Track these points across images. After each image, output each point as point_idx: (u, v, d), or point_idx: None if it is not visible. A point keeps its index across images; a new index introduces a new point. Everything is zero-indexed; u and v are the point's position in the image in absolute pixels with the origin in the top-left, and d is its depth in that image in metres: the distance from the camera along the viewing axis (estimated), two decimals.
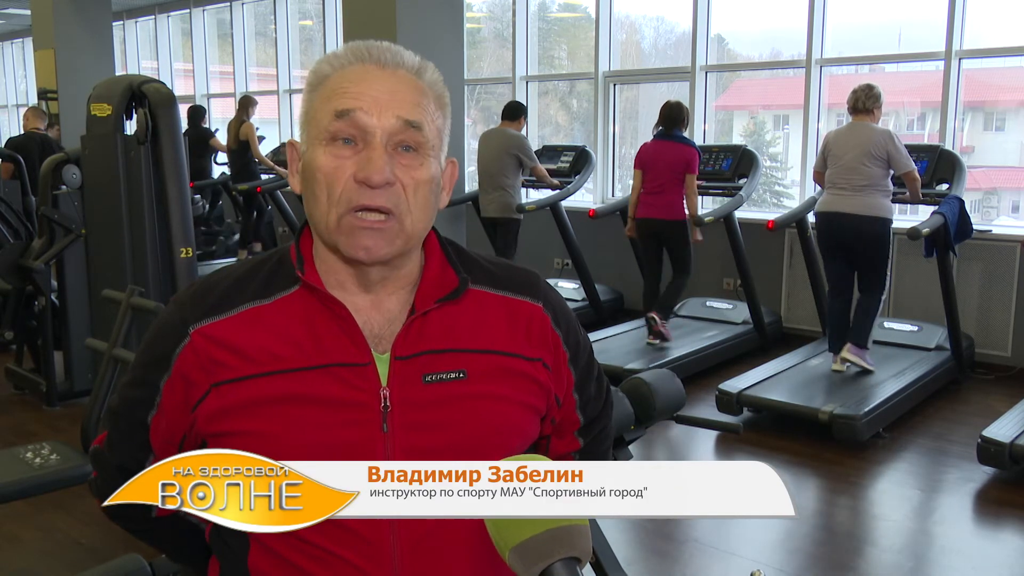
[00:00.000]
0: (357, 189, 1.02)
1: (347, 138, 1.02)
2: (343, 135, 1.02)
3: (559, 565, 0.77)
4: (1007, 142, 6.53)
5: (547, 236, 6.78)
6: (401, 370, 1.06)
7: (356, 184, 1.02)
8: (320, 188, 1.03)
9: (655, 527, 3.43)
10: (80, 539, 3.30)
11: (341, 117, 1.02)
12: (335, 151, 1.03)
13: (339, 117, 1.02)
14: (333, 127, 1.02)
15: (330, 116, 1.03)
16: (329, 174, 1.02)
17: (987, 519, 3.60)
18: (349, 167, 1.02)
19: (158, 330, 1.12)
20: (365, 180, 1.01)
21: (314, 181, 1.04)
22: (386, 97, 1.03)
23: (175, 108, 4.14)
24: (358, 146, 1.03)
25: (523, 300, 1.14)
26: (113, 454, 1.16)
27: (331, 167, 1.02)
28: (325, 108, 1.03)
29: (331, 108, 1.03)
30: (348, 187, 1.02)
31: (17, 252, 4.82)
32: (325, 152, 1.03)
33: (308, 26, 10.30)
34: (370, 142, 1.02)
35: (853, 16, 6.36)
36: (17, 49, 14.50)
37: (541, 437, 1.20)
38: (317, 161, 1.03)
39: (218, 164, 8.89)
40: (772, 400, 4.44)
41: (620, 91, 7.44)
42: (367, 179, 1.01)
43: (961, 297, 5.23)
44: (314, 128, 1.04)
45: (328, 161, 1.03)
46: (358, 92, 1.03)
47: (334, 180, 1.02)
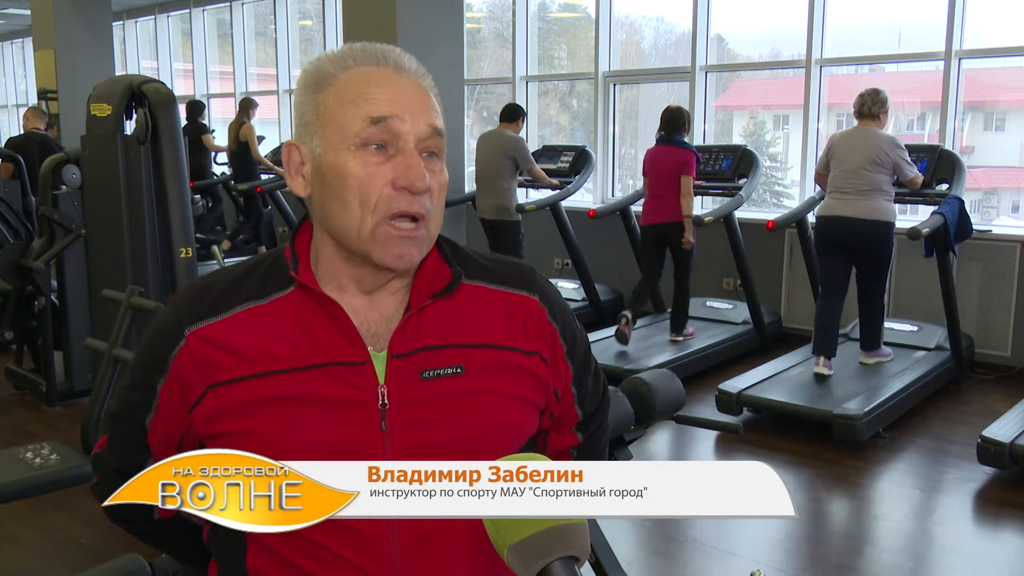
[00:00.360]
0: (396, 196, 1.01)
1: (378, 144, 1.02)
2: (376, 140, 1.01)
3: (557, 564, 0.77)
4: (1007, 142, 6.53)
5: (547, 236, 6.78)
6: (398, 367, 1.06)
7: (395, 191, 1.01)
8: (352, 195, 1.02)
9: (655, 527, 3.43)
10: (80, 539, 3.30)
11: (377, 124, 1.01)
12: (366, 157, 1.01)
13: (374, 123, 1.01)
14: (366, 133, 1.01)
15: (363, 121, 1.01)
16: (363, 180, 1.01)
17: (987, 519, 3.60)
18: (384, 173, 1.01)
19: (154, 333, 1.11)
20: (408, 186, 1.01)
21: (345, 188, 1.02)
22: (415, 103, 1.03)
23: (175, 108, 4.14)
24: (388, 152, 1.02)
25: (519, 294, 1.14)
26: (113, 457, 1.16)
27: (364, 173, 1.01)
28: (352, 112, 1.02)
29: (363, 113, 1.01)
30: (385, 194, 1.01)
31: (17, 252, 4.82)
32: (356, 158, 1.01)
33: (308, 26, 10.30)
34: (404, 148, 1.02)
35: (853, 16, 6.36)
36: (17, 49, 14.50)
37: (540, 432, 1.20)
38: (347, 167, 1.01)
39: (218, 164, 8.90)
40: (772, 400, 4.44)
41: (620, 91, 7.44)
42: (410, 185, 1.01)
43: (961, 297, 5.23)
44: (336, 132, 1.02)
45: (361, 168, 1.01)
46: (390, 99, 1.02)
47: (369, 187, 1.01)
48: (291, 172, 1.09)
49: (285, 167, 1.10)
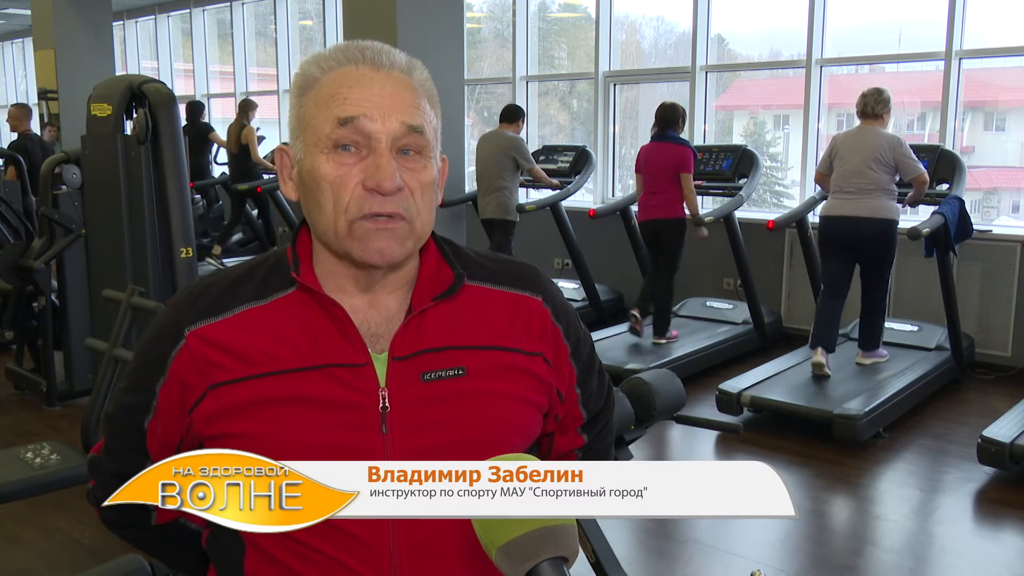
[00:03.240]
0: (367, 196, 1.00)
1: (349, 144, 1.01)
2: (345, 142, 1.01)
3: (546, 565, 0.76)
4: (1007, 142, 6.53)
5: (547, 236, 6.78)
6: (399, 370, 1.05)
7: (366, 192, 1.00)
8: (325, 197, 1.01)
9: (655, 527, 3.43)
10: (80, 539, 3.30)
11: (344, 124, 1.00)
12: (338, 158, 1.01)
13: (342, 124, 1.00)
14: (336, 135, 1.00)
15: (332, 123, 1.00)
16: (335, 182, 1.01)
17: (987, 519, 3.60)
18: (355, 174, 1.00)
19: (153, 334, 1.10)
20: (376, 188, 1.00)
21: (318, 190, 1.02)
22: (387, 101, 1.01)
23: (175, 108, 4.14)
24: (361, 152, 1.01)
25: (522, 294, 1.13)
26: (110, 461, 1.16)
27: (336, 175, 1.00)
28: (324, 115, 1.01)
29: (332, 115, 1.00)
30: (356, 195, 1.01)
31: (17, 252, 4.82)
32: (328, 160, 1.01)
33: (308, 26, 10.29)
34: (375, 148, 1.01)
35: (853, 16, 6.36)
36: (17, 49, 14.50)
37: (544, 435, 1.19)
38: (320, 169, 1.01)
39: (218, 164, 8.90)
40: (772, 400, 4.44)
41: (620, 91, 7.44)
42: (378, 187, 0.99)
43: (961, 297, 5.23)
44: (312, 135, 1.02)
45: (332, 169, 1.01)
46: (360, 98, 1.01)
47: (340, 188, 1.01)
48: (283, 176, 1.09)
49: (278, 172, 1.10)
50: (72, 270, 4.74)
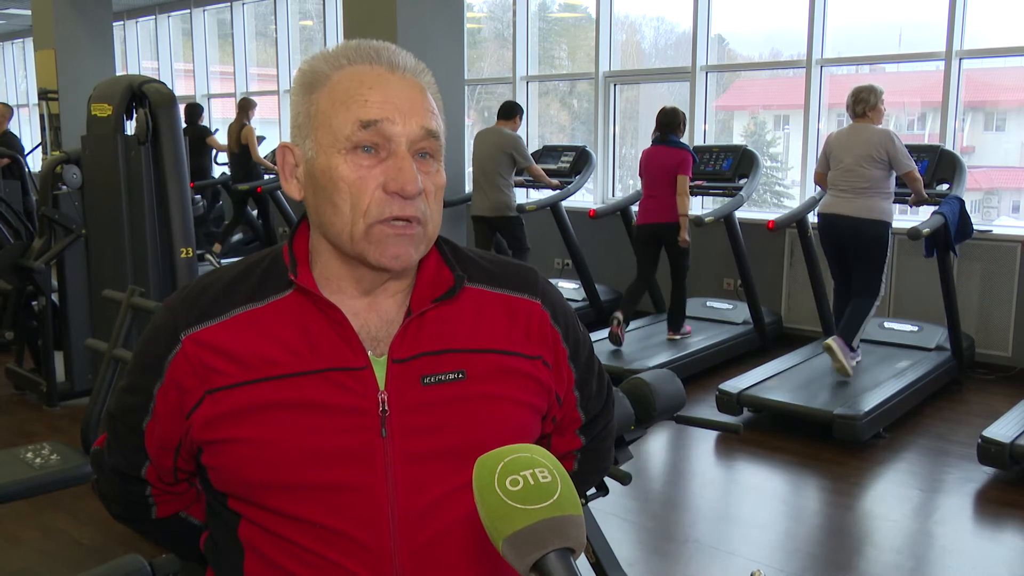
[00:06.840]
0: (387, 200, 0.99)
1: (368, 146, 1.00)
2: (366, 143, 1.00)
3: (553, 555, 0.76)
4: (1007, 142, 6.53)
5: (547, 236, 6.78)
6: (399, 373, 1.04)
7: (386, 195, 0.99)
8: (342, 198, 1.00)
9: (655, 527, 3.43)
10: (80, 539, 3.30)
11: (367, 127, 0.98)
12: (357, 160, 0.99)
13: (365, 127, 0.98)
14: (357, 136, 0.99)
15: (353, 125, 0.99)
16: (354, 184, 0.99)
17: (987, 519, 3.60)
18: (375, 176, 0.99)
19: (150, 336, 1.09)
20: (399, 191, 0.99)
21: (335, 191, 1.00)
22: (407, 105, 1.01)
23: (175, 108, 4.14)
24: (380, 154, 1.00)
25: (521, 297, 1.12)
26: (110, 456, 1.16)
27: (355, 177, 0.99)
28: (344, 115, 0.99)
29: (353, 116, 0.99)
30: (377, 198, 0.99)
31: (17, 252, 4.82)
32: (346, 161, 0.99)
33: (308, 26, 10.29)
34: (395, 151, 1.00)
35: (853, 16, 6.36)
36: (17, 49, 14.50)
37: (542, 436, 1.19)
38: (338, 171, 0.99)
39: (218, 164, 8.90)
40: (772, 400, 4.44)
41: (620, 91, 7.44)
42: (401, 190, 0.99)
43: (961, 297, 5.23)
44: (328, 135, 1.00)
45: (351, 171, 0.99)
46: (381, 100, 1.00)
47: (360, 191, 0.99)
48: (285, 174, 1.07)
49: (279, 169, 1.08)
50: (72, 270, 4.74)
